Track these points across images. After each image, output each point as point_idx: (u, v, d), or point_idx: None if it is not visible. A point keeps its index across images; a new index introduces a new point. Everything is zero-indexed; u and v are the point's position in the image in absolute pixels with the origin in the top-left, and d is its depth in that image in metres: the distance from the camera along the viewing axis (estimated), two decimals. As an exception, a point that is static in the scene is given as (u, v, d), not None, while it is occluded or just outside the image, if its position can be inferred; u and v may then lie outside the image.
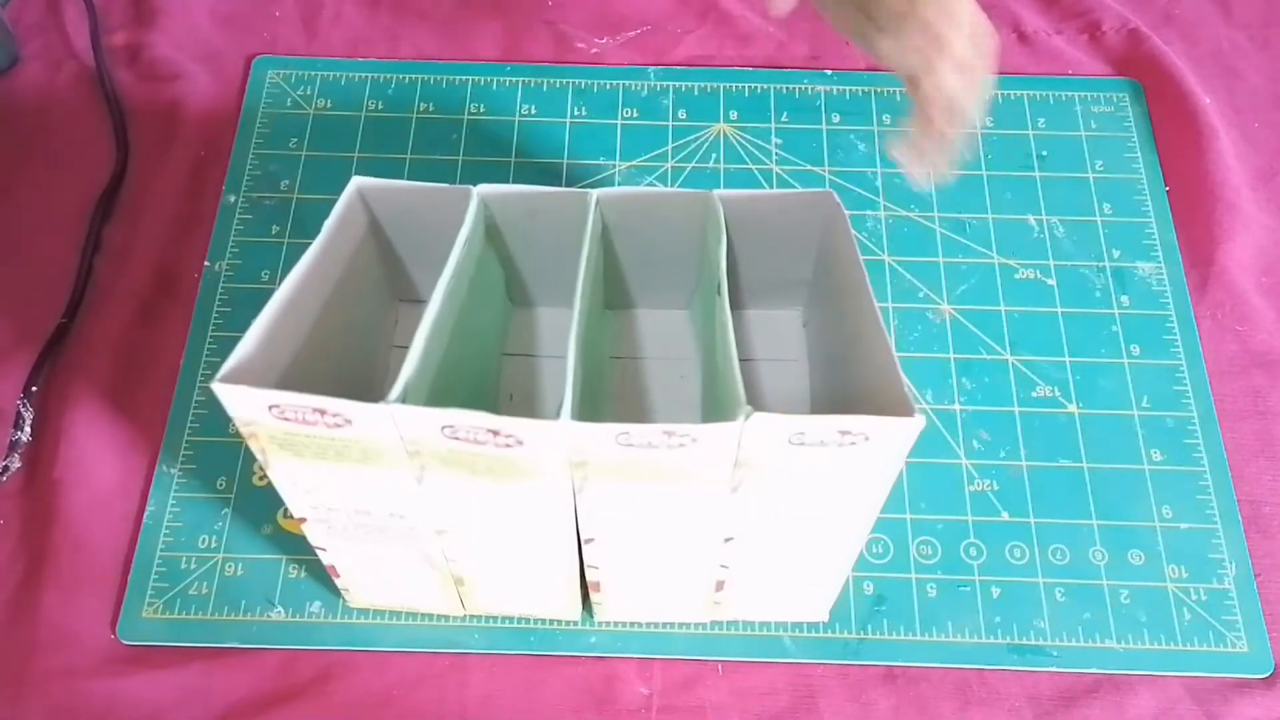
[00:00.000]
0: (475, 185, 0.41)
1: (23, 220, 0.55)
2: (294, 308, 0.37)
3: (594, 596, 0.42)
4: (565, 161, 0.57)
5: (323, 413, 0.32)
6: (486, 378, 0.48)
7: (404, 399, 0.33)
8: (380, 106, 0.58)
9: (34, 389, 0.49)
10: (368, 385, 0.47)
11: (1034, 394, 0.50)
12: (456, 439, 0.32)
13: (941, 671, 0.44)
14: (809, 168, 0.57)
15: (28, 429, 0.48)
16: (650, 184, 0.56)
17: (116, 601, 0.45)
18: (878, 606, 0.45)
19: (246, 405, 0.32)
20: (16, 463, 0.48)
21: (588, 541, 0.38)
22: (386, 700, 0.43)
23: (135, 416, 0.49)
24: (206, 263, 0.53)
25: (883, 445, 0.32)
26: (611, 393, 0.49)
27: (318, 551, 0.40)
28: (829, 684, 0.44)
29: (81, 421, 0.48)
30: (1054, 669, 0.44)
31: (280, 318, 0.36)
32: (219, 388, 0.32)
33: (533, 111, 0.58)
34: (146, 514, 0.47)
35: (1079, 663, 0.44)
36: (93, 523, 0.46)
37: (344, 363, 0.43)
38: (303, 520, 0.38)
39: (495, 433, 0.32)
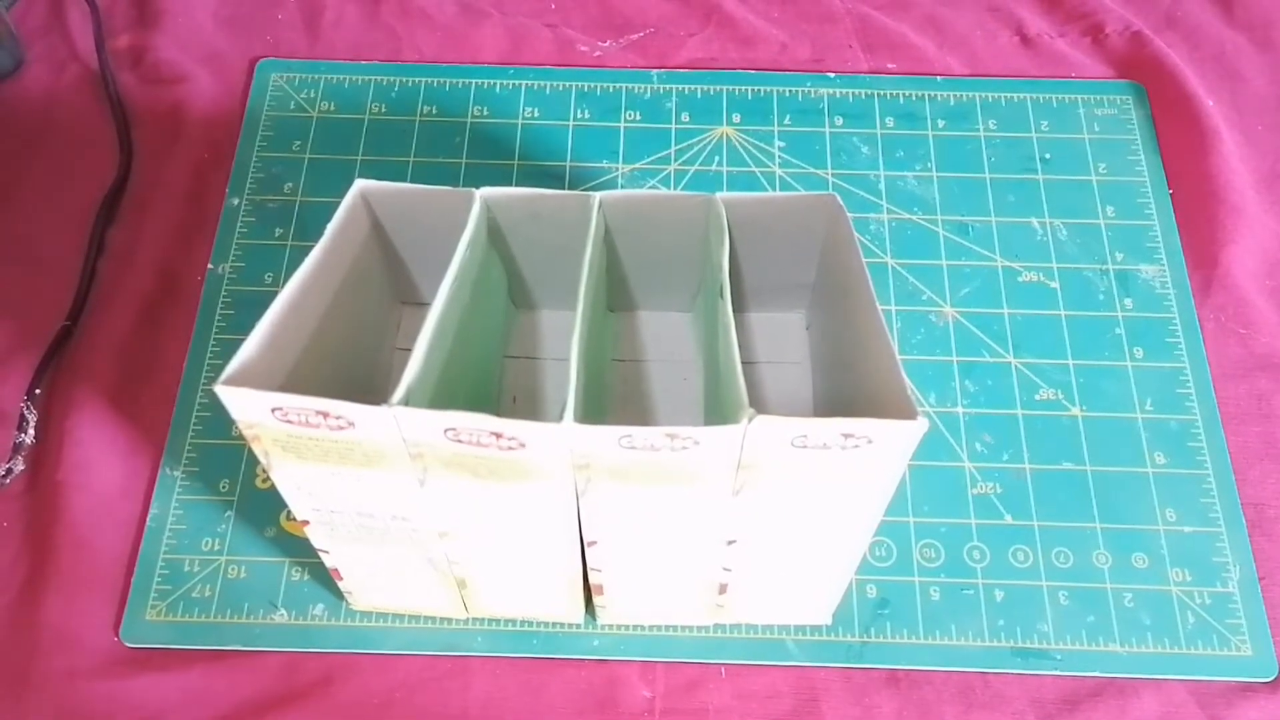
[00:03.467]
0: (478, 188, 0.41)
1: (26, 223, 0.55)
2: (297, 310, 0.37)
3: (597, 599, 0.42)
4: (568, 164, 0.57)
5: (325, 415, 0.32)
6: (489, 380, 0.48)
7: (407, 401, 0.33)
8: (383, 109, 0.58)
9: (37, 391, 0.49)
10: (370, 388, 0.47)
11: (1037, 397, 0.50)
12: (459, 441, 0.32)
13: (945, 675, 0.44)
14: (812, 170, 0.57)
15: (31, 431, 0.48)
16: (653, 187, 0.56)
17: (119, 604, 0.45)
18: (881, 609, 0.45)
19: (249, 408, 0.32)
20: (20, 465, 0.48)
21: (591, 544, 0.38)
22: (389, 702, 0.43)
23: (138, 419, 0.49)
24: (210, 265, 0.53)
25: (886, 448, 0.32)
26: (614, 395, 0.49)
27: (320, 554, 0.40)
28: (832, 687, 0.44)
29: (85, 424, 0.49)
30: (1057, 672, 0.44)
31: (283, 320, 0.36)
32: (222, 390, 0.32)
33: (535, 114, 0.58)
34: (149, 516, 0.47)
35: (1082, 666, 0.44)
36: (96, 525, 0.46)
37: (347, 365, 0.43)
38: (305, 523, 0.38)
39: (498, 435, 0.32)
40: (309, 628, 0.44)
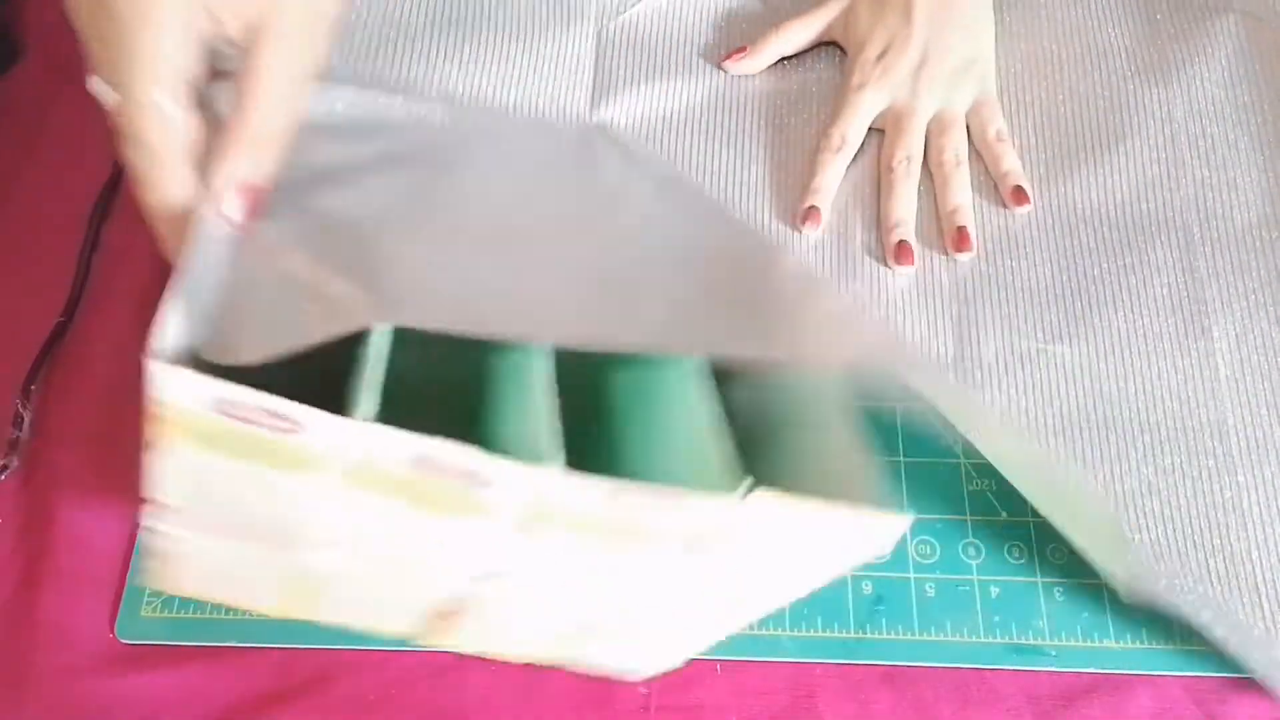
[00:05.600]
0: None
1: (22, 219, 0.55)
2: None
3: (452, 621, 0.39)
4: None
5: (275, 415, 0.29)
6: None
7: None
8: (379, 105, 0.58)
9: (33, 387, 0.49)
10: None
11: (1033, 393, 0.50)
12: (423, 469, 0.30)
13: (940, 671, 0.44)
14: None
15: (26, 427, 0.48)
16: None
17: (115, 600, 0.45)
18: (876, 606, 0.45)
19: (184, 392, 0.29)
20: (15, 462, 0.48)
21: (493, 575, 0.36)
22: (386, 699, 0.43)
23: (134, 415, 0.49)
24: (205, 261, 0.53)
25: (864, 539, 0.32)
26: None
27: (152, 533, 0.36)
28: (827, 683, 0.44)
29: (80, 420, 0.48)
30: (1053, 668, 0.44)
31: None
32: (158, 367, 0.28)
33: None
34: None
35: (1078, 662, 0.44)
36: (91, 522, 0.46)
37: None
38: (158, 503, 0.34)
39: (469, 472, 0.29)
40: (305, 624, 0.44)
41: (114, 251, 0.54)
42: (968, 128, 0.53)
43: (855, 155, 0.53)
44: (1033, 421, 0.46)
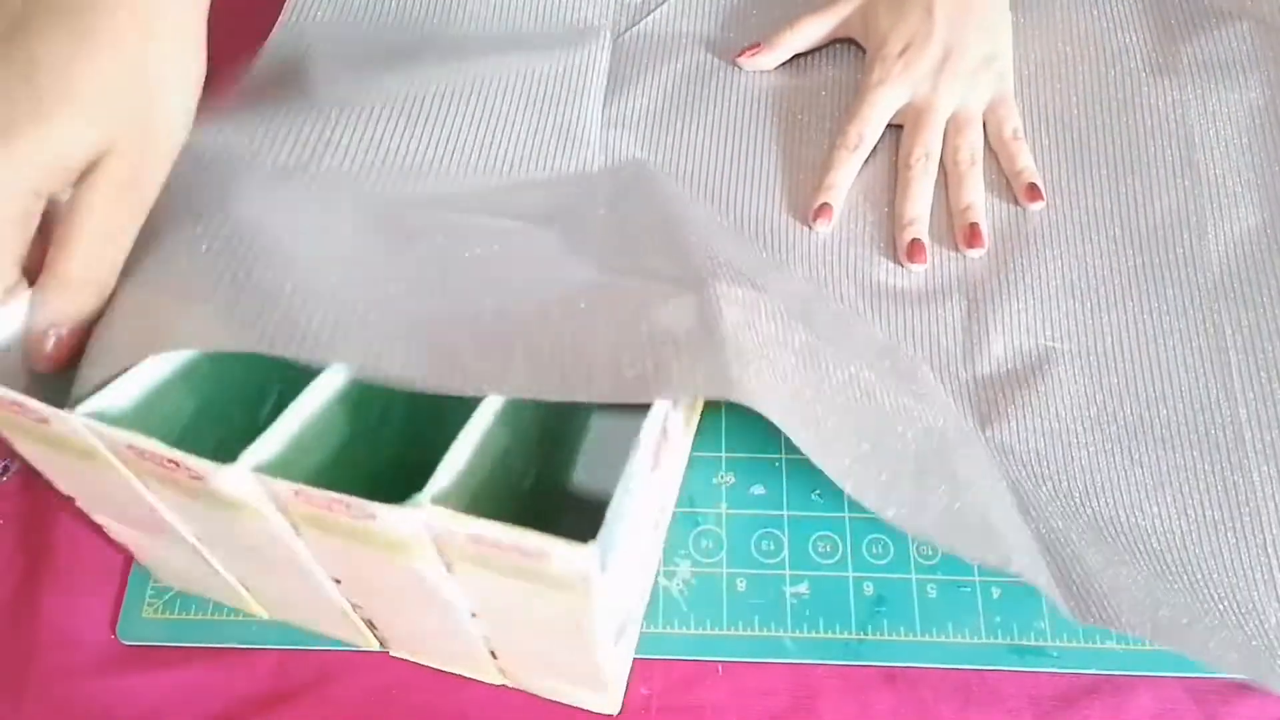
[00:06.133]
0: None
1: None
2: None
3: (375, 632, 0.41)
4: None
5: (19, 407, 0.29)
6: None
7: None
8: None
9: (33, 388, 0.49)
10: None
11: (1034, 394, 0.50)
12: (134, 453, 0.30)
13: (941, 672, 0.44)
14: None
15: (27, 428, 0.48)
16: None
17: (116, 601, 0.45)
18: (878, 607, 0.45)
19: None
20: (17, 463, 0.48)
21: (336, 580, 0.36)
22: (386, 700, 0.43)
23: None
24: (206, 261, 0.53)
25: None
26: None
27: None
28: (829, 685, 0.44)
29: (81, 420, 0.48)
30: (1054, 669, 0.44)
31: None
32: None
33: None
34: (146, 513, 0.47)
35: (1079, 663, 0.44)
36: (92, 523, 0.46)
37: None
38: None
39: (174, 464, 0.29)
40: (305, 625, 0.44)
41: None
42: (984, 126, 0.53)
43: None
44: (1041, 418, 0.46)
